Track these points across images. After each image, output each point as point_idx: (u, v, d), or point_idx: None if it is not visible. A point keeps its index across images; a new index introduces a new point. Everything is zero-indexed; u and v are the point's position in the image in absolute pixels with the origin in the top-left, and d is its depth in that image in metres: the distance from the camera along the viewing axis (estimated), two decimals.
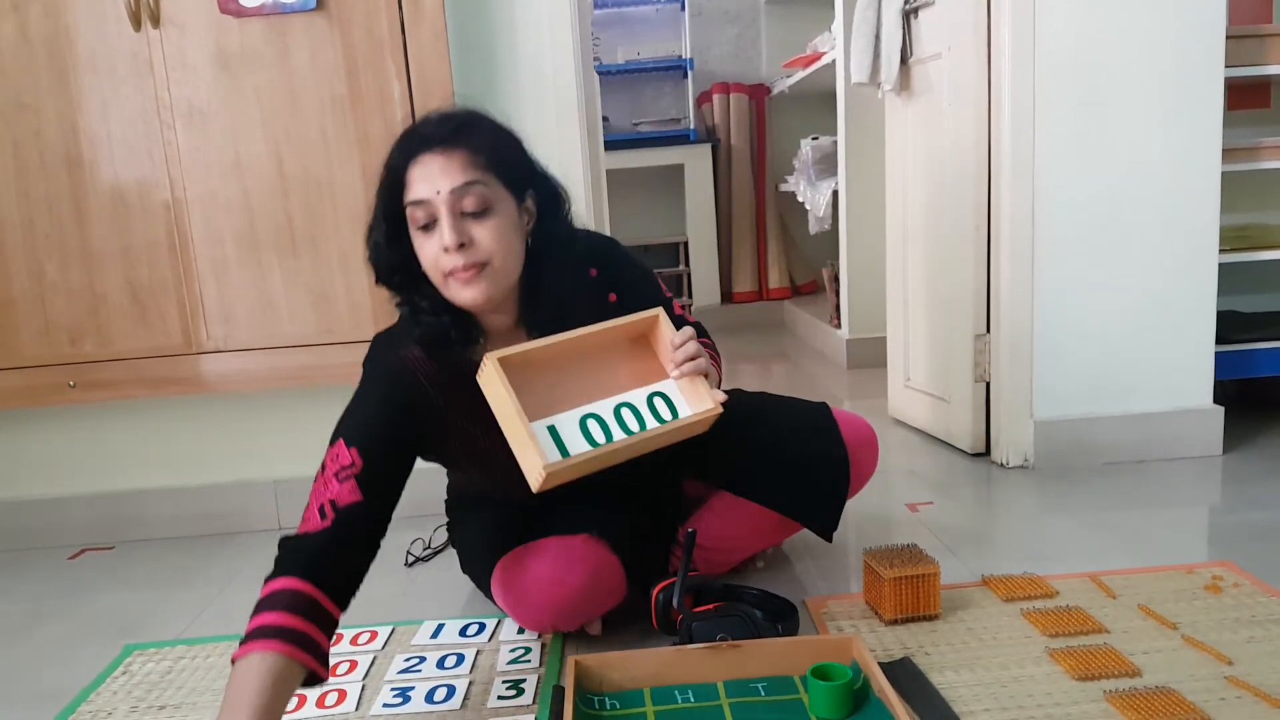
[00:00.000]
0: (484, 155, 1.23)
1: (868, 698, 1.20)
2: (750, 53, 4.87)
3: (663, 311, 1.31)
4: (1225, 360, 2.23)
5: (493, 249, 1.23)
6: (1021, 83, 2.05)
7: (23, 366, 1.93)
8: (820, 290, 4.50)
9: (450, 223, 1.21)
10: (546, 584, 1.38)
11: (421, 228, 1.23)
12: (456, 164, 1.21)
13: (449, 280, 1.24)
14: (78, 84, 1.85)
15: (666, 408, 1.29)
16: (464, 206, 1.22)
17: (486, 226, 1.23)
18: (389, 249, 1.28)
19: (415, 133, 1.25)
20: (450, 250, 1.21)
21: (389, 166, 1.25)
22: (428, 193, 1.21)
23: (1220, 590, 1.47)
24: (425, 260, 1.25)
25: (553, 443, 1.20)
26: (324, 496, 1.19)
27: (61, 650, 1.60)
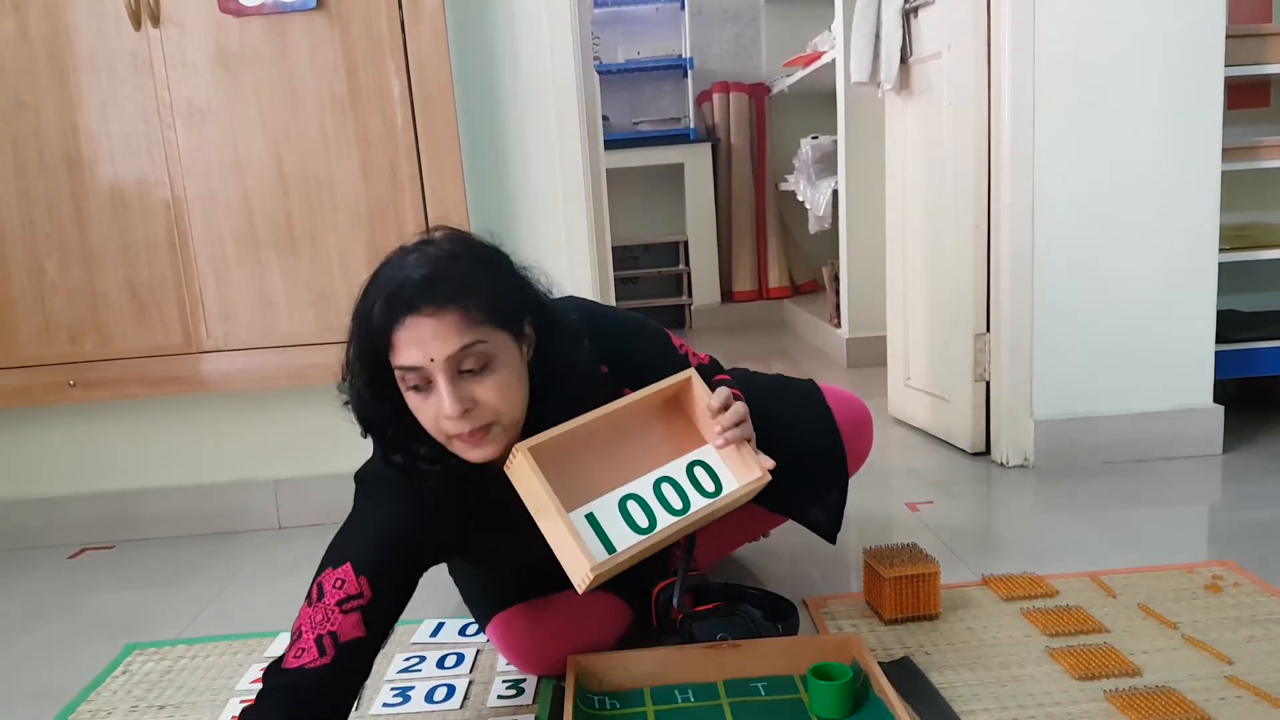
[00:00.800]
0: (477, 309, 1.07)
1: (868, 697, 1.20)
2: (750, 52, 4.86)
3: (695, 373, 1.22)
4: (1225, 359, 2.23)
5: (499, 407, 1.10)
6: (1021, 82, 2.05)
7: (22, 366, 1.93)
8: (820, 289, 4.50)
9: (449, 390, 1.07)
10: (554, 646, 1.33)
11: (414, 389, 1.10)
12: (449, 326, 1.06)
13: (452, 442, 1.12)
14: (77, 83, 1.85)
15: (708, 477, 1.20)
16: (463, 367, 1.08)
17: (489, 384, 1.09)
18: (375, 402, 1.14)
19: (397, 294, 1.07)
20: (452, 418, 1.08)
21: (369, 323, 1.09)
22: (419, 359, 1.06)
23: (1220, 589, 1.47)
24: (423, 420, 1.11)
25: (594, 534, 1.11)
26: (324, 628, 1.08)
27: (61, 649, 1.60)
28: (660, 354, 1.33)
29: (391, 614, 1.14)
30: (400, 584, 1.15)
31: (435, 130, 1.85)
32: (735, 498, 1.18)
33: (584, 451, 1.16)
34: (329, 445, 2.10)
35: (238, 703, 1.33)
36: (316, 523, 2.12)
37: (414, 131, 1.86)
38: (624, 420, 1.19)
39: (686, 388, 1.22)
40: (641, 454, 1.20)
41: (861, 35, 2.51)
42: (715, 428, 1.19)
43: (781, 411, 1.41)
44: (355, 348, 1.13)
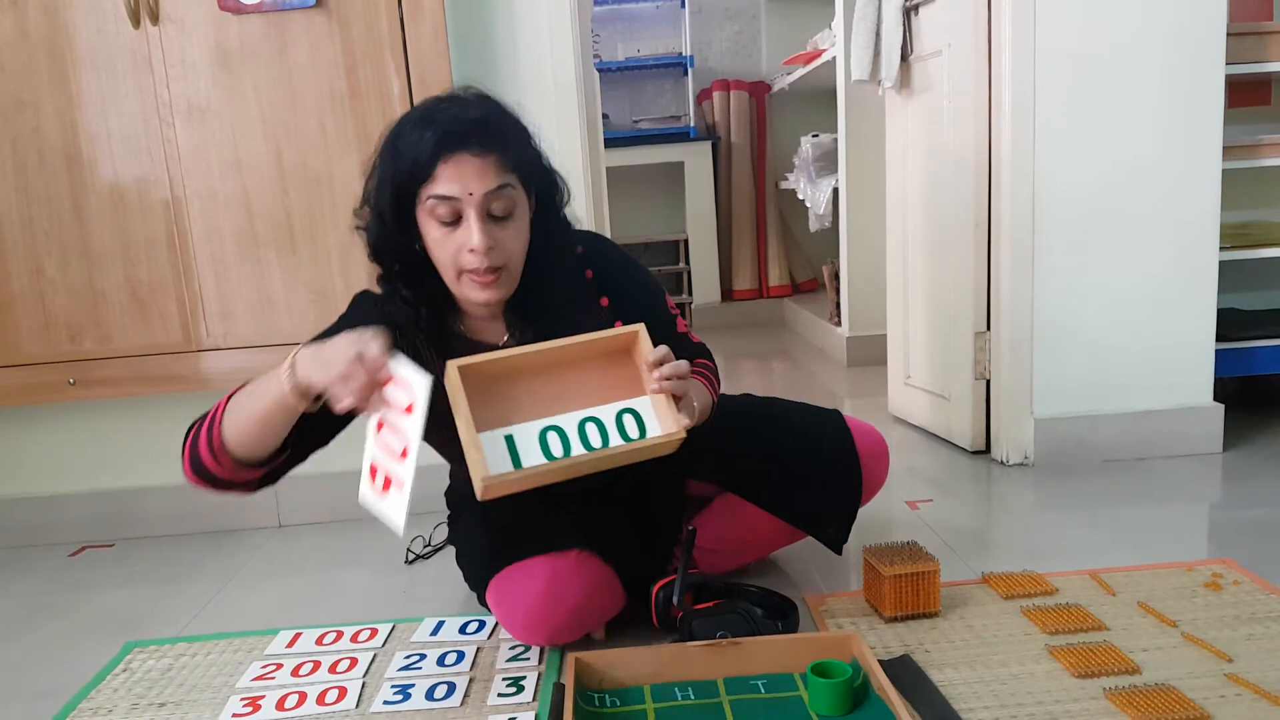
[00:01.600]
0: (512, 158, 1.23)
1: (867, 695, 1.20)
2: (750, 50, 4.86)
3: (644, 328, 1.26)
4: (1225, 358, 2.23)
5: (514, 253, 1.26)
6: (1022, 80, 2.05)
7: (23, 364, 1.93)
8: (820, 288, 4.50)
9: (480, 226, 1.20)
10: (540, 607, 1.35)
11: (442, 222, 1.22)
12: (491, 167, 1.20)
13: (463, 278, 1.25)
14: (77, 81, 1.85)
15: (636, 426, 1.24)
16: (493, 210, 1.22)
17: (510, 230, 1.24)
18: (395, 232, 1.26)
19: (450, 130, 1.20)
20: (478, 252, 1.21)
21: (411, 153, 1.21)
22: (458, 191, 1.20)
23: (1220, 587, 1.47)
24: (442, 254, 1.24)
25: (507, 452, 1.19)
26: None
27: (62, 647, 1.60)
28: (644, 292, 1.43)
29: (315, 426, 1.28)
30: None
31: None
32: (651, 445, 1.22)
33: (523, 380, 1.24)
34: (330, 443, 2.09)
35: (238, 700, 1.33)
36: (317, 521, 2.13)
37: None
38: (565, 360, 1.25)
39: (634, 340, 1.26)
40: (576, 393, 1.25)
41: (862, 33, 2.51)
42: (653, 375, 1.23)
43: (808, 430, 1.52)
44: (389, 177, 1.23)
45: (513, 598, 1.39)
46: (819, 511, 1.52)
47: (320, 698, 1.32)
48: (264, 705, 1.31)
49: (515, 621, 1.39)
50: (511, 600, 1.39)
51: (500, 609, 1.42)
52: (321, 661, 1.43)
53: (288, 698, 1.33)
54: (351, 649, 1.47)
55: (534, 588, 1.36)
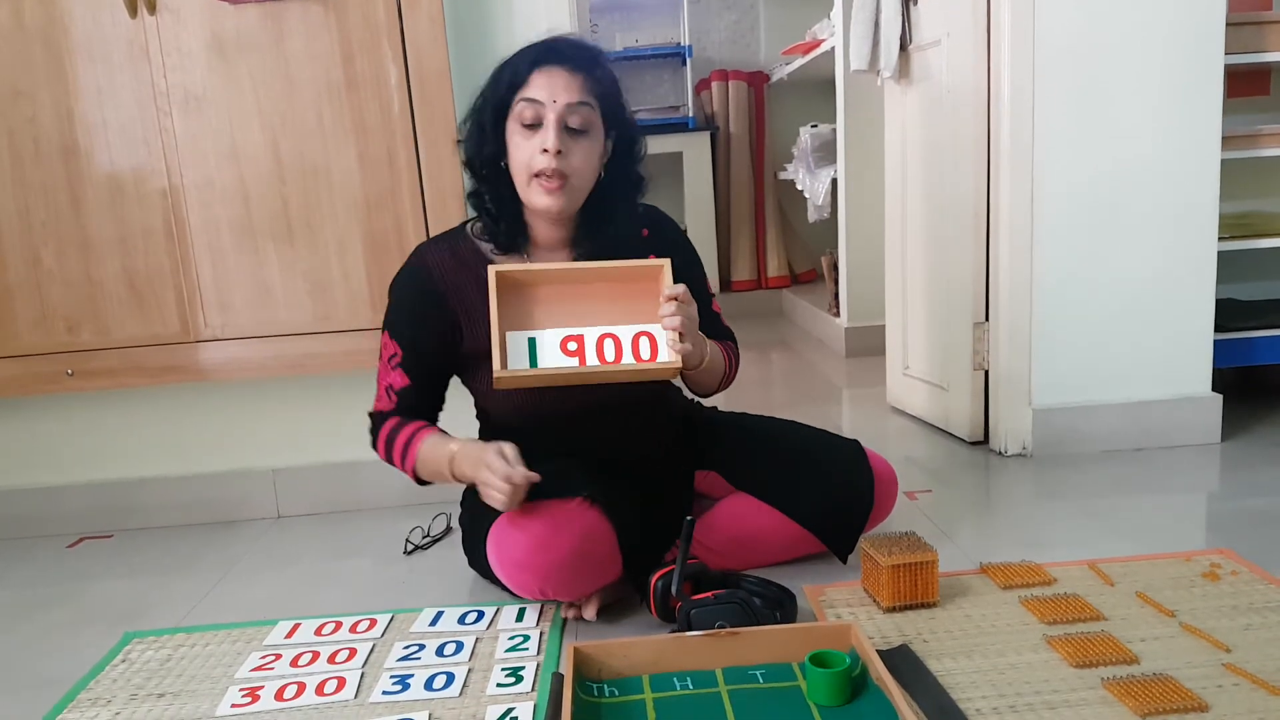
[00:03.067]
0: (600, 86, 1.41)
1: (866, 685, 1.20)
2: (749, 39, 4.85)
3: (669, 263, 1.42)
4: (1224, 348, 2.23)
5: (580, 166, 1.40)
6: (1021, 69, 2.04)
7: (20, 355, 1.93)
8: (819, 278, 4.50)
9: (556, 130, 1.36)
10: (538, 544, 1.37)
11: (525, 125, 1.38)
12: (577, 83, 1.38)
13: (533, 182, 1.40)
14: (73, 71, 1.84)
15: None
16: (570, 122, 1.38)
17: (581, 145, 1.40)
18: (488, 139, 1.42)
19: (551, 46, 1.40)
20: (549, 152, 1.36)
21: (512, 65, 1.40)
22: (544, 96, 1.37)
23: (1218, 577, 1.47)
24: (518, 156, 1.40)
25: (526, 352, 1.38)
26: (385, 380, 1.51)
27: (61, 638, 1.60)
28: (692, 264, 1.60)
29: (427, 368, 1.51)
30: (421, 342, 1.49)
31: (433, 118, 1.85)
32: (653, 368, 1.40)
33: (556, 292, 1.42)
34: (327, 434, 2.10)
35: (237, 691, 1.33)
36: (315, 512, 2.13)
37: (411, 119, 1.85)
38: (598, 278, 1.43)
39: (658, 273, 1.43)
40: (602, 311, 1.42)
41: (861, 23, 2.50)
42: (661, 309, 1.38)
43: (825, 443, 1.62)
44: (490, 90, 1.43)
45: (513, 534, 1.40)
46: (829, 516, 1.56)
47: (319, 688, 1.32)
48: (263, 695, 1.32)
49: (510, 558, 1.40)
50: (512, 537, 1.40)
51: (498, 550, 1.42)
52: (320, 652, 1.43)
53: (287, 688, 1.33)
54: (350, 639, 1.47)
55: (534, 524, 1.38)
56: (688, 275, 1.50)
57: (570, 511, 1.40)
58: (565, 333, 1.40)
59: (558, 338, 1.40)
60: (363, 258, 1.91)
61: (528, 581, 1.41)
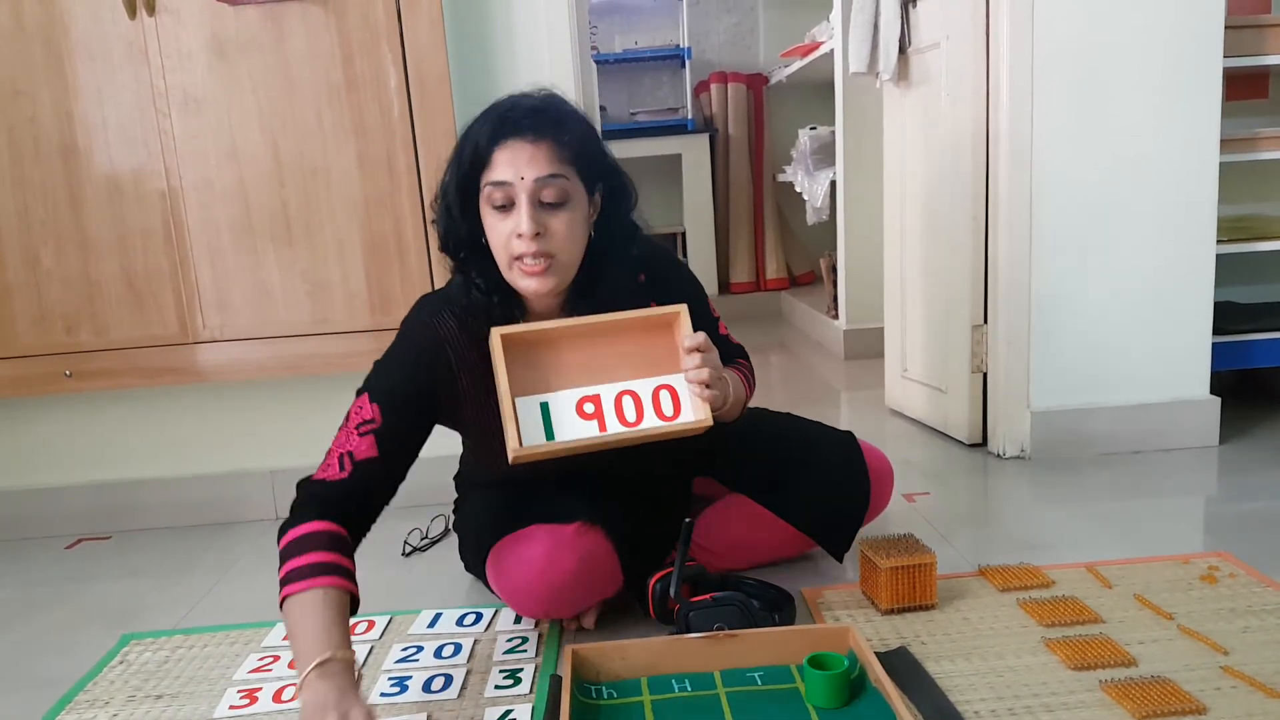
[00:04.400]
0: (569, 149, 1.26)
1: (864, 687, 1.20)
2: (748, 42, 4.85)
3: (685, 309, 1.31)
4: (1222, 351, 2.23)
5: (564, 241, 1.27)
6: (1020, 72, 2.04)
7: (18, 356, 1.93)
8: (818, 281, 4.50)
9: (529, 211, 1.24)
10: (538, 570, 1.37)
11: (497, 207, 1.26)
12: (543, 154, 1.24)
13: (515, 264, 1.28)
14: (73, 71, 1.84)
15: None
16: (543, 196, 1.25)
17: (561, 219, 1.26)
18: (461, 219, 1.31)
19: (506, 117, 1.26)
20: (525, 237, 1.24)
21: (473, 141, 1.27)
22: (511, 176, 1.24)
23: (1216, 580, 1.47)
24: (495, 239, 1.28)
25: (540, 421, 1.25)
26: (345, 447, 1.28)
27: (59, 639, 1.60)
28: (695, 298, 1.43)
29: (403, 441, 1.31)
30: (409, 415, 1.31)
31: (432, 120, 1.85)
32: (681, 428, 1.29)
33: (565, 349, 1.30)
34: (326, 436, 2.08)
35: (235, 692, 1.33)
36: None
37: (410, 121, 1.85)
38: (609, 331, 1.31)
39: (675, 320, 1.32)
40: (616, 365, 1.30)
41: (860, 25, 2.50)
42: (684, 363, 1.29)
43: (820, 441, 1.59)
44: (455, 168, 1.30)
45: (512, 562, 1.40)
46: (823, 517, 1.55)
47: None
48: (261, 697, 1.32)
49: (512, 585, 1.40)
50: (511, 565, 1.40)
51: (498, 576, 1.43)
52: None
53: (285, 690, 1.33)
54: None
55: (534, 552, 1.38)
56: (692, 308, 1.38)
57: (569, 536, 1.38)
58: (580, 393, 1.28)
59: (573, 400, 1.28)
60: (362, 259, 1.91)
61: (531, 606, 1.42)
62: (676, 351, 1.32)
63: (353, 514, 1.26)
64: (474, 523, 1.57)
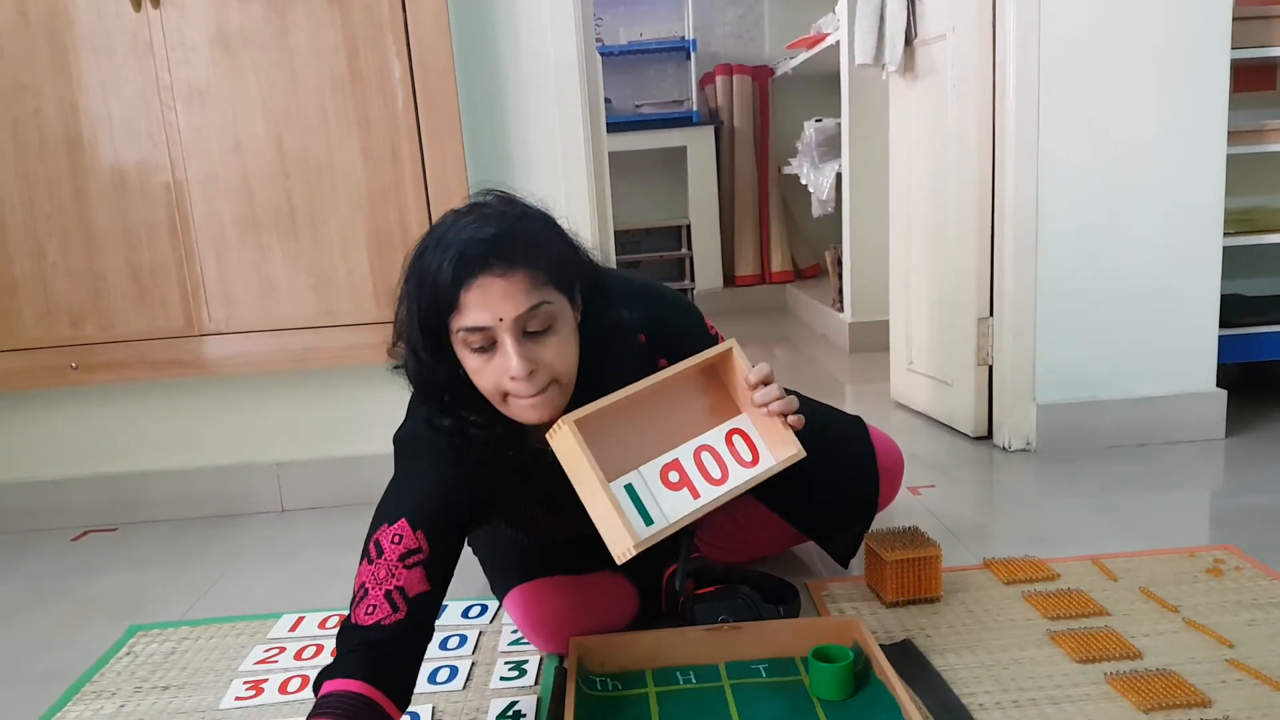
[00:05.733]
0: (543, 270, 1.10)
1: (869, 679, 1.20)
2: (753, 34, 4.84)
3: (736, 344, 1.21)
4: (1229, 344, 2.22)
5: (559, 368, 1.13)
6: (1026, 64, 2.03)
7: (25, 348, 1.93)
8: (823, 273, 4.49)
9: (516, 350, 1.09)
10: (564, 624, 1.35)
11: (476, 350, 1.11)
12: (519, 286, 1.08)
13: (510, 400, 1.13)
14: (77, 65, 1.84)
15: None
16: (529, 328, 1.10)
17: (551, 346, 1.12)
18: (435, 366, 1.15)
19: (465, 255, 1.07)
20: (519, 379, 1.10)
21: (430, 282, 1.09)
22: (488, 320, 1.08)
23: (1222, 573, 1.47)
24: (483, 381, 1.13)
25: (634, 506, 1.11)
26: (390, 583, 1.09)
27: (65, 631, 1.60)
28: (695, 327, 1.34)
29: (448, 568, 1.16)
30: (453, 539, 1.17)
31: (436, 112, 1.85)
32: (773, 469, 1.18)
33: (625, 421, 1.15)
34: (331, 428, 2.10)
35: (241, 684, 1.33)
36: (319, 505, 2.13)
37: (415, 113, 1.85)
38: (665, 390, 1.17)
39: (727, 358, 1.21)
40: (681, 422, 1.19)
41: (865, 17, 2.49)
42: (757, 398, 1.18)
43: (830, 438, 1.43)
44: (415, 310, 1.12)
45: (537, 611, 1.37)
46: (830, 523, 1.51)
47: None
48: (267, 688, 1.32)
49: (536, 634, 1.38)
50: (536, 613, 1.38)
51: (522, 619, 1.40)
52: (324, 645, 1.43)
53: (290, 681, 1.33)
54: None
55: (560, 604, 1.36)
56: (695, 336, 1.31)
57: (597, 587, 1.38)
58: (660, 463, 1.15)
59: (655, 472, 1.15)
60: (366, 252, 1.91)
61: (556, 647, 1.38)
62: (729, 392, 1.23)
63: (404, 664, 1.09)
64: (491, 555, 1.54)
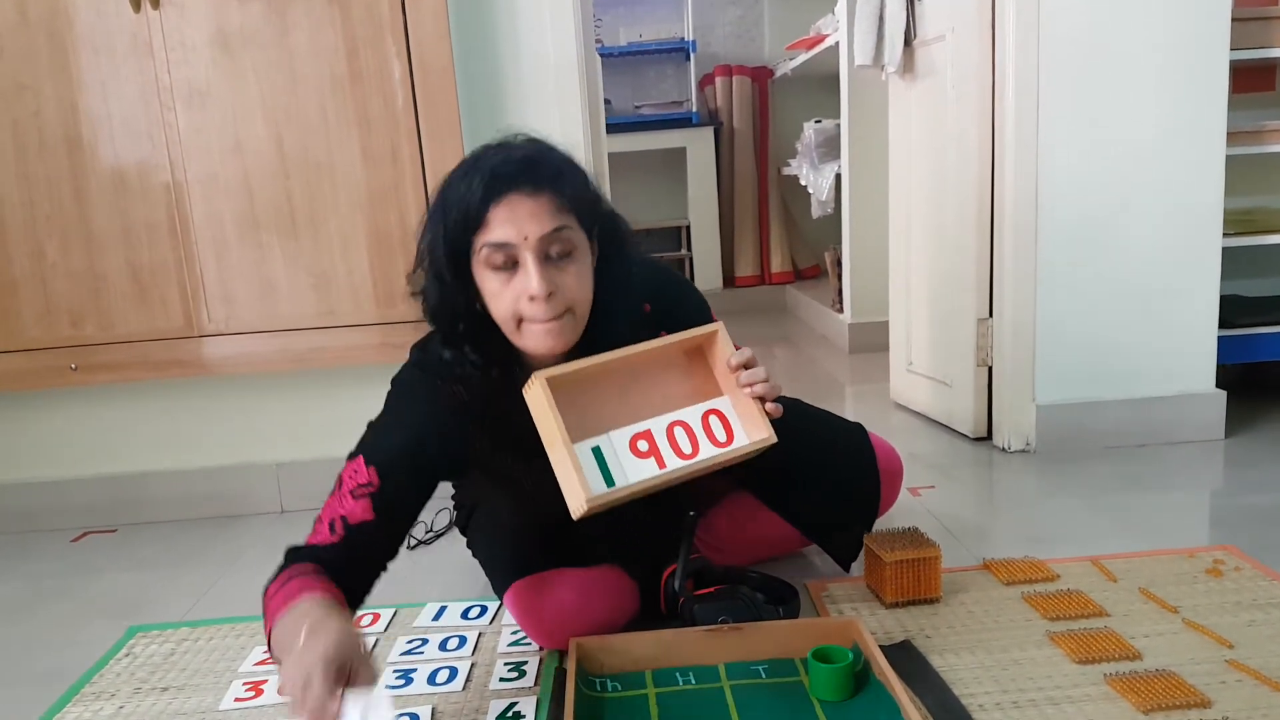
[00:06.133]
0: (568, 198, 1.16)
1: (868, 680, 1.20)
2: (753, 34, 4.84)
3: (722, 326, 1.25)
4: (1228, 345, 2.22)
5: (577, 296, 1.18)
6: (1025, 65, 2.04)
7: (25, 349, 1.93)
8: (823, 274, 4.49)
9: (538, 270, 1.13)
10: (568, 615, 1.34)
11: (497, 269, 1.15)
12: (545, 207, 1.13)
13: (524, 326, 1.18)
14: (77, 65, 1.84)
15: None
16: (550, 252, 1.15)
17: (571, 272, 1.17)
18: (455, 289, 1.19)
19: (498, 172, 1.13)
20: (538, 299, 1.14)
21: (460, 201, 1.14)
22: (512, 236, 1.12)
23: (1221, 574, 1.47)
24: (499, 304, 1.17)
25: (597, 467, 1.15)
26: (336, 511, 1.19)
27: (65, 631, 1.60)
28: (699, 310, 1.38)
29: (402, 505, 1.22)
30: (409, 478, 1.22)
31: (436, 112, 1.85)
32: (744, 452, 1.21)
33: (602, 386, 1.19)
34: (331, 428, 2.10)
35: (240, 685, 1.33)
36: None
37: (415, 114, 1.85)
38: (646, 361, 1.22)
39: (712, 340, 1.25)
40: (659, 396, 1.23)
41: (865, 17, 2.49)
42: (742, 379, 1.21)
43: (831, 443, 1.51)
44: (442, 230, 1.17)
45: (538, 607, 1.37)
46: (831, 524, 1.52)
47: None
48: (266, 690, 1.32)
49: (537, 629, 1.37)
50: (537, 609, 1.37)
51: (523, 615, 1.39)
52: None
53: None
54: None
55: (562, 599, 1.36)
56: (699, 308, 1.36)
57: (598, 581, 1.38)
58: (631, 431, 1.19)
59: (626, 439, 1.19)
60: (366, 252, 1.91)
61: (556, 644, 1.38)
62: (714, 373, 1.25)
63: (345, 575, 1.15)
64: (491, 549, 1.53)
